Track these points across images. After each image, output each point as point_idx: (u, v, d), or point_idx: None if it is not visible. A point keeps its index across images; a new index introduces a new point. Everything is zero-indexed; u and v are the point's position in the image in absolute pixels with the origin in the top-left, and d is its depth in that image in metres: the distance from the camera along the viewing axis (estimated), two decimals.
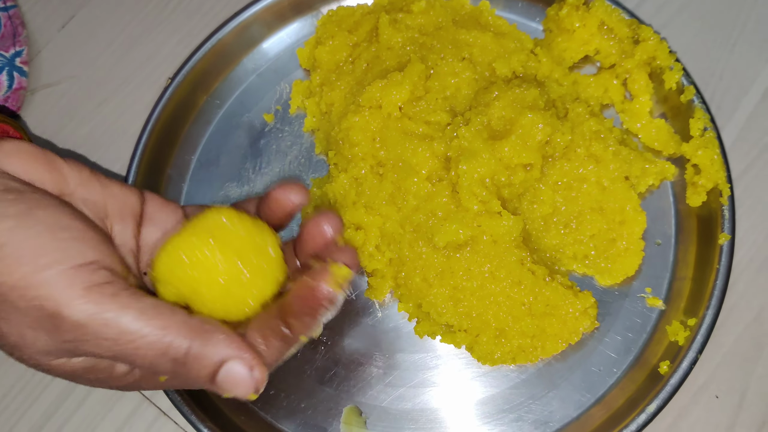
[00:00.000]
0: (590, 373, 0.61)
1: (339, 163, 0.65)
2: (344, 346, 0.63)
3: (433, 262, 0.60)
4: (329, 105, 0.68)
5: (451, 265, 0.59)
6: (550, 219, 0.63)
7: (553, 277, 0.60)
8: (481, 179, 0.59)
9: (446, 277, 0.60)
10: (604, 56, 0.69)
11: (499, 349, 0.59)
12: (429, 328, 0.61)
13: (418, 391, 0.61)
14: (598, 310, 0.61)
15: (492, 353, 0.59)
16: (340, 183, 0.63)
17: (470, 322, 0.60)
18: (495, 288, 0.59)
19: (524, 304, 0.59)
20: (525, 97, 0.61)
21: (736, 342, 0.61)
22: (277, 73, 0.74)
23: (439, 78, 0.64)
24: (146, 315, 0.38)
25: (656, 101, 0.68)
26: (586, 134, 0.63)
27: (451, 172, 0.60)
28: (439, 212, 0.60)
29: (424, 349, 0.62)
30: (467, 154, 0.58)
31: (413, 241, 0.61)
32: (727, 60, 0.71)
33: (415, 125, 0.62)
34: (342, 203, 0.63)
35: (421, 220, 0.60)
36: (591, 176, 0.63)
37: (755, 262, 0.63)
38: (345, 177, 0.63)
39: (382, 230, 0.62)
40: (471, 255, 0.59)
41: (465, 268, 0.59)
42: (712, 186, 0.62)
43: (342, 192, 0.63)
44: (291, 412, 0.61)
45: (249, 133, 0.71)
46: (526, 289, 0.59)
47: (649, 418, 0.55)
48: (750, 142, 0.67)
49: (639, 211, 0.63)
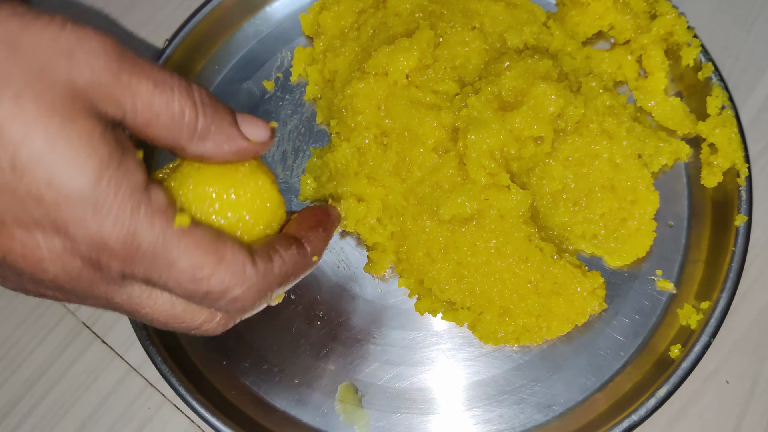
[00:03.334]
0: (596, 357, 0.58)
1: (341, 132, 0.62)
2: (341, 322, 0.60)
3: (437, 236, 0.57)
4: (332, 72, 0.65)
5: (455, 240, 0.57)
6: (560, 196, 0.61)
7: (561, 255, 0.57)
8: (489, 151, 0.56)
9: (450, 252, 0.57)
10: (619, 31, 0.67)
11: (502, 329, 0.57)
12: (430, 305, 0.59)
13: (416, 370, 0.59)
14: (606, 291, 0.59)
15: (495, 332, 0.57)
16: (342, 152, 0.60)
17: (473, 300, 0.57)
18: (501, 264, 0.57)
19: (530, 282, 0.57)
20: (538, 67, 0.59)
21: (750, 327, 0.59)
22: (279, 39, 0.71)
23: (449, 47, 0.62)
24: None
25: (671, 79, 0.66)
26: (599, 109, 0.60)
27: (459, 143, 0.57)
28: (445, 184, 0.57)
29: (424, 327, 0.60)
30: (476, 124, 0.56)
31: (417, 214, 0.58)
32: (744, 40, 0.69)
33: (422, 94, 0.60)
34: (343, 173, 0.60)
35: (426, 192, 0.58)
36: (603, 152, 0.60)
37: None
38: (347, 146, 0.60)
39: (384, 202, 0.60)
40: (477, 229, 0.57)
41: (470, 243, 0.57)
42: (729, 166, 0.59)
43: (344, 162, 0.60)
44: (284, 387, 0.59)
45: (248, 101, 0.69)
46: (533, 266, 0.57)
47: (659, 403, 0.53)
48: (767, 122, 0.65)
49: (652, 190, 0.61)
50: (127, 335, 0.62)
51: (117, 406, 0.60)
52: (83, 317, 0.63)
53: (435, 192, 0.58)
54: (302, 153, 0.66)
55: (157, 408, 0.60)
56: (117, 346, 0.62)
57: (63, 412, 0.60)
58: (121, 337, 0.62)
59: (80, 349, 0.62)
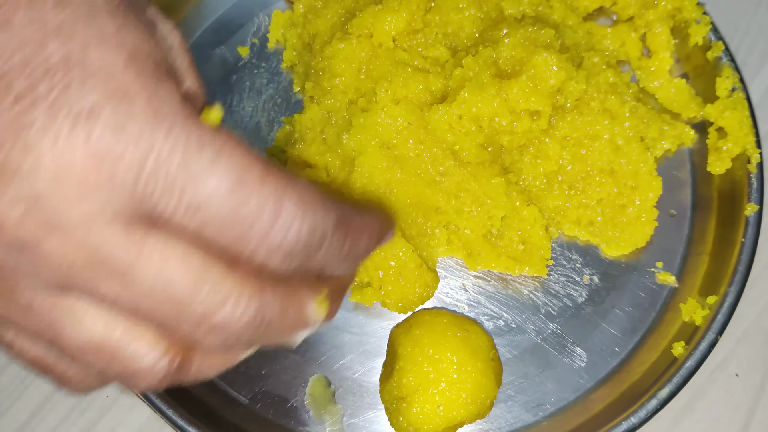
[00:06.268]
0: (590, 353, 0.54)
1: (316, 95, 0.57)
2: None
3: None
4: (312, 35, 0.60)
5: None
6: (555, 177, 0.56)
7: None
8: (477, 116, 0.51)
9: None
10: (622, 7, 0.62)
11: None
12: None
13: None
14: (602, 283, 0.56)
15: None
16: (311, 114, 0.55)
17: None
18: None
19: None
20: (539, 36, 0.54)
21: (759, 316, 0.56)
22: (256, 2, 0.65)
23: (441, 12, 0.57)
24: None
25: (677, 59, 0.62)
26: (601, 86, 0.56)
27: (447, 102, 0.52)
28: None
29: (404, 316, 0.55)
30: (473, 84, 0.51)
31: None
32: (753, 14, 0.65)
33: (409, 57, 0.55)
34: (310, 139, 0.55)
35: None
36: (604, 133, 0.56)
37: None
38: (317, 109, 0.55)
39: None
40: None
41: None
42: (740, 151, 0.55)
43: (310, 126, 0.55)
44: (250, 379, 0.54)
45: (221, 68, 0.63)
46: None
47: (661, 405, 0.49)
48: None
49: (654, 175, 0.56)
50: None
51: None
52: None
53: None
54: (278, 125, 0.61)
55: (116, 397, 0.55)
56: None
57: (11, 401, 0.55)
58: None
59: None
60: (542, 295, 0.56)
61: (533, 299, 0.56)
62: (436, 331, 0.50)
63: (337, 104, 0.55)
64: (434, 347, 0.49)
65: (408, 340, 0.50)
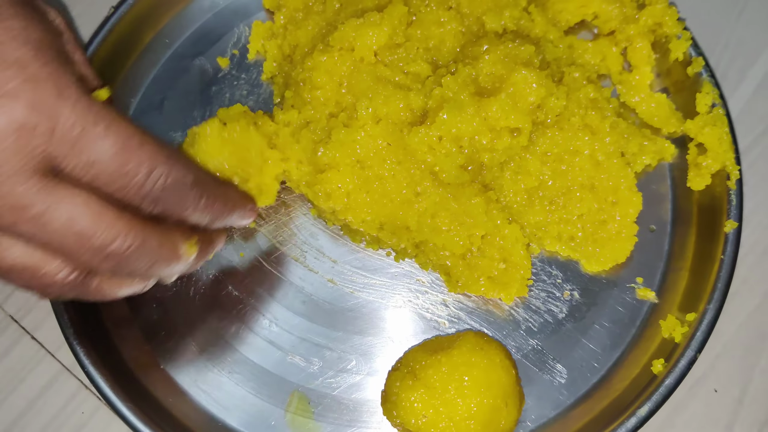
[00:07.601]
0: (571, 369, 0.54)
1: (295, 104, 0.57)
2: (296, 324, 0.55)
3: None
4: (293, 47, 0.59)
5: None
6: (535, 193, 0.56)
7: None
8: (458, 137, 0.51)
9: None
10: (603, 21, 0.62)
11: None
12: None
13: (376, 380, 0.54)
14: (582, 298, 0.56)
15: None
16: (289, 116, 0.55)
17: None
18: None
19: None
20: (519, 53, 0.54)
21: (738, 331, 0.56)
22: (237, 13, 0.65)
23: (422, 26, 0.57)
24: None
25: (657, 74, 0.62)
26: (582, 102, 0.56)
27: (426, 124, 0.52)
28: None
29: (386, 332, 0.55)
30: (452, 104, 0.51)
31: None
32: (733, 28, 0.65)
33: (390, 73, 0.55)
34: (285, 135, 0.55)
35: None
36: (584, 149, 0.56)
37: (760, 245, 0.59)
38: (295, 114, 0.55)
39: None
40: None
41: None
42: (719, 167, 0.56)
43: (286, 123, 0.55)
44: (230, 397, 0.53)
45: (200, 78, 0.63)
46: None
47: (640, 423, 0.49)
48: (757, 115, 0.62)
49: (634, 191, 0.57)
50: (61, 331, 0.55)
51: (47, 410, 0.55)
52: (11, 310, 0.57)
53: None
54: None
55: (92, 412, 0.55)
56: (48, 343, 0.57)
57: None
58: (54, 333, 0.56)
59: (6, 346, 0.57)
60: (523, 311, 0.56)
61: (514, 315, 0.56)
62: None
63: (317, 115, 0.55)
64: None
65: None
